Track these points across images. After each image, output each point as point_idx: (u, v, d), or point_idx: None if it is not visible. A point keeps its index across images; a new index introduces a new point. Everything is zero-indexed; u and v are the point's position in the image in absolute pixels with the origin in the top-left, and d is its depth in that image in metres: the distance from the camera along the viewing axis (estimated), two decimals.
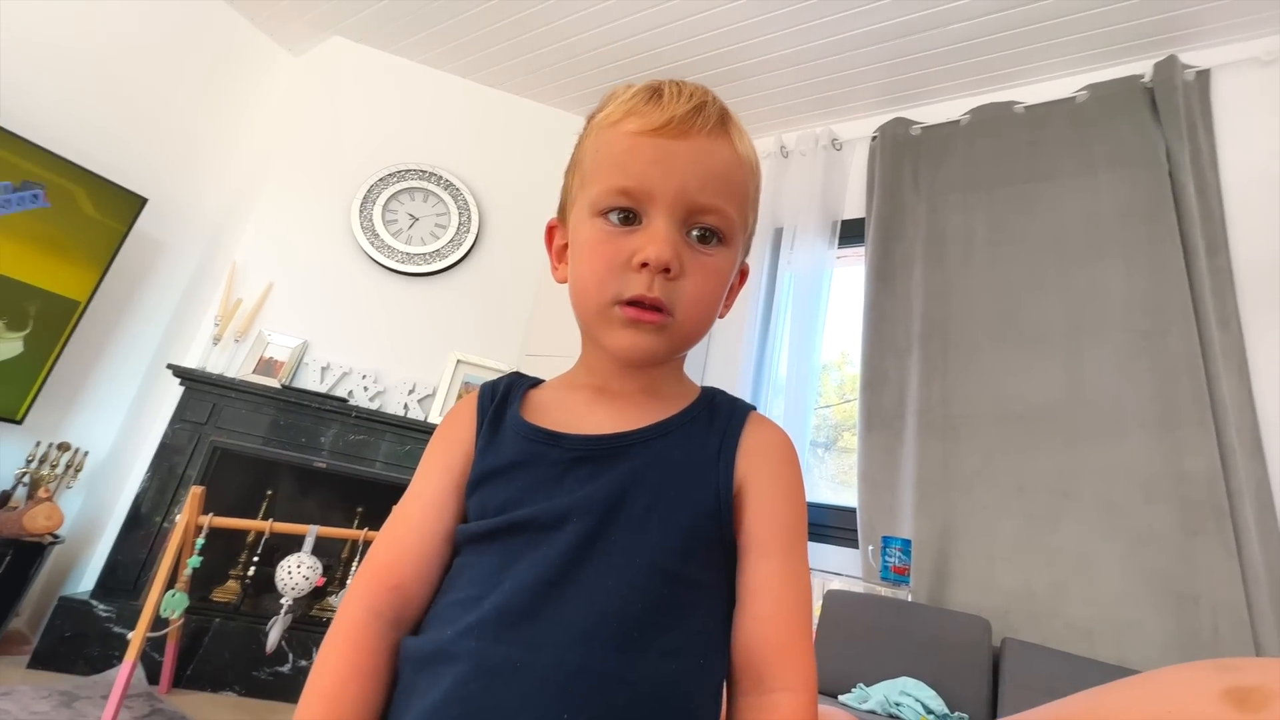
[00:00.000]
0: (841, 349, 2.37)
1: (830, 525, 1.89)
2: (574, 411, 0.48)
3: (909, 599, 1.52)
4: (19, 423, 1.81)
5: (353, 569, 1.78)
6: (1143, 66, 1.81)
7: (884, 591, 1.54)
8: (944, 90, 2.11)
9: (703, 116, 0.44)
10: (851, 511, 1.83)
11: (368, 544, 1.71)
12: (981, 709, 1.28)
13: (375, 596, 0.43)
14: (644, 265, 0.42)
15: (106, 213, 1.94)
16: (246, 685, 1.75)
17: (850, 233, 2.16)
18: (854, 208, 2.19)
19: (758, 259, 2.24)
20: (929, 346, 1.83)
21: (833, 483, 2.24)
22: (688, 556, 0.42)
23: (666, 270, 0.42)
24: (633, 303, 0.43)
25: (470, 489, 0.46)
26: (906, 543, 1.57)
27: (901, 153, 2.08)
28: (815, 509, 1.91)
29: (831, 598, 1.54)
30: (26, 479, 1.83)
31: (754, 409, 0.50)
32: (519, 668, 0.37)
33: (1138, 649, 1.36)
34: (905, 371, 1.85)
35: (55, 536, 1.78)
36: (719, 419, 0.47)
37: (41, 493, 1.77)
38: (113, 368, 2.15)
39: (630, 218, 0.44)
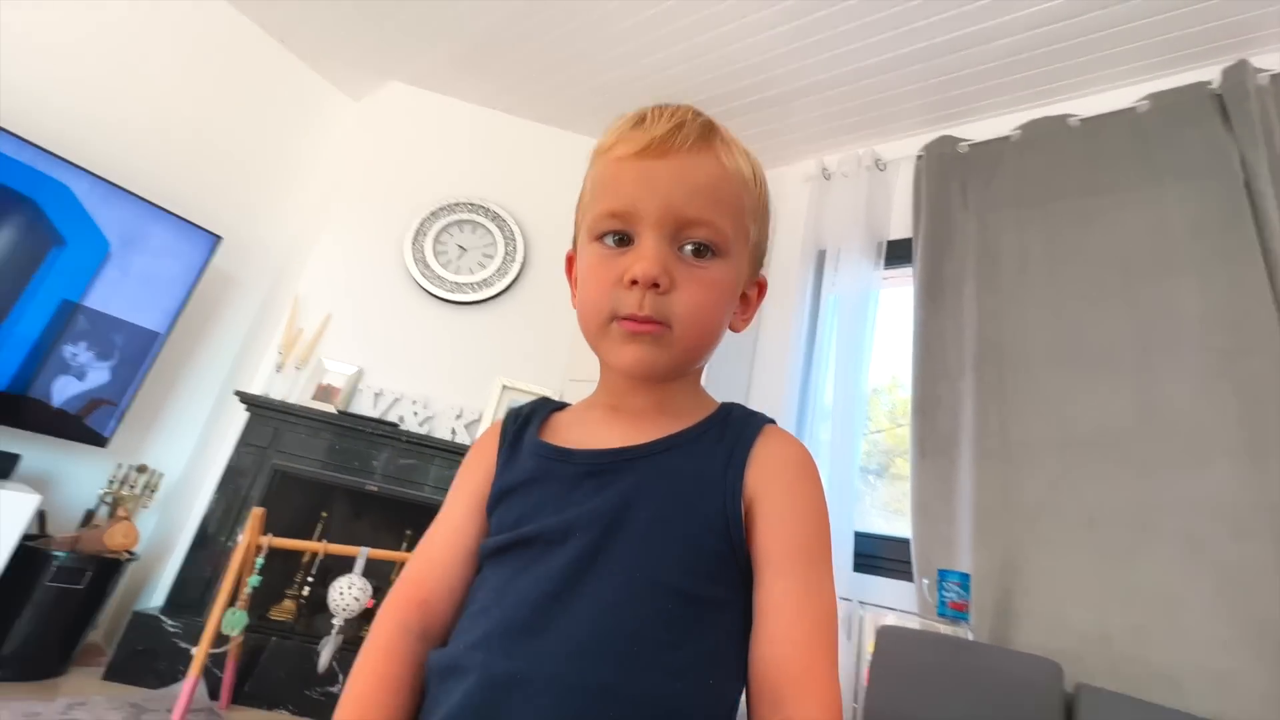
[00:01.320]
0: (891, 373, 2.30)
1: (882, 556, 1.81)
2: (589, 429, 0.49)
3: (969, 637, 1.43)
4: (104, 445, 1.95)
5: None
6: (1209, 73, 1.72)
7: (942, 629, 1.45)
8: (991, 106, 2.06)
9: (683, 134, 0.45)
10: (905, 542, 1.74)
11: None
12: None
13: (404, 611, 0.45)
14: (634, 282, 0.43)
15: (185, 250, 2.10)
16: (299, 704, 1.80)
17: (897, 253, 2.11)
18: (900, 228, 2.14)
19: (800, 281, 2.22)
20: (984, 369, 1.75)
21: (884, 511, 2.15)
22: (693, 572, 0.41)
23: (656, 285, 0.43)
24: (628, 319, 0.44)
25: (490, 507, 0.48)
26: (965, 577, 1.49)
27: (949, 170, 2.04)
28: (866, 539, 1.84)
29: (885, 635, 1.46)
30: (109, 499, 1.96)
31: (771, 422, 0.48)
32: (521, 680, 0.37)
33: (1236, 701, 1.23)
34: (959, 395, 1.78)
35: (131, 554, 1.89)
36: (731, 432, 0.46)
37: (120, 512, 1.89)
38: (187, 394, 2.30)
39: (624, 239, 0.45)
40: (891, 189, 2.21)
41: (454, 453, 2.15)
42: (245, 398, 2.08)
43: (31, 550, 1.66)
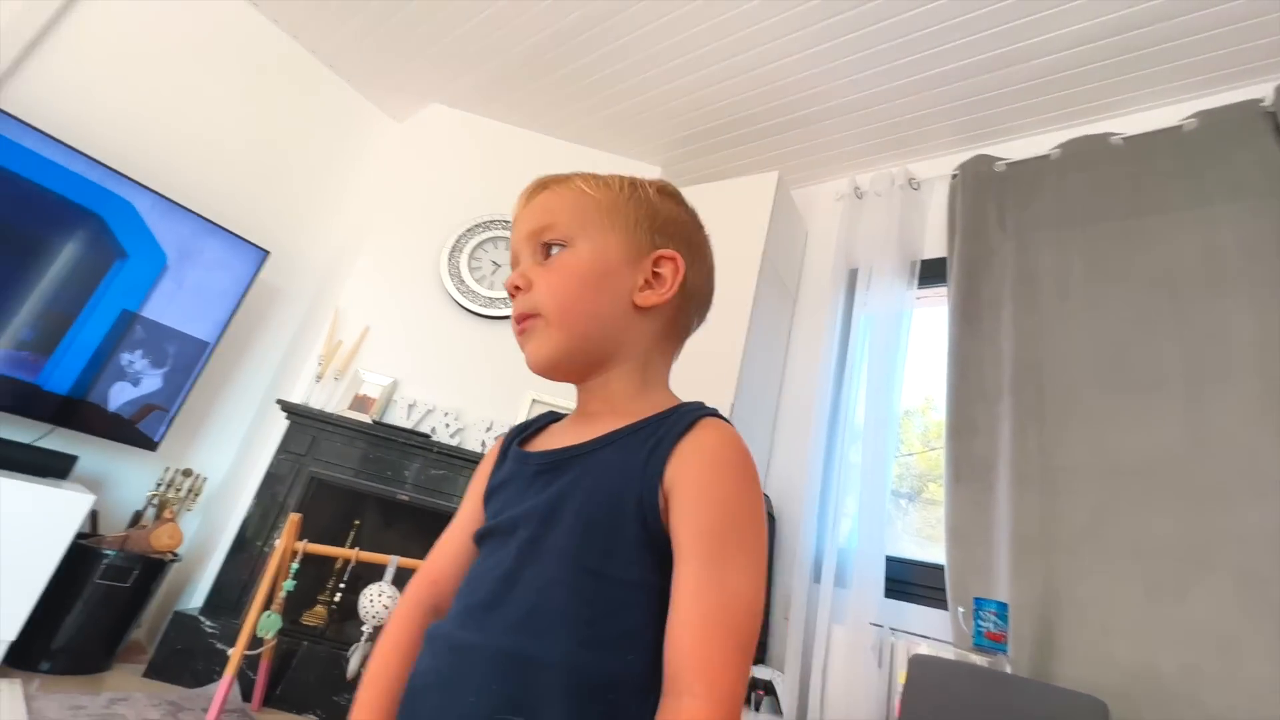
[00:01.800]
0: (925, 394, 2.26)
1: (914, 582, 1.76)
2: (558, 435, 0.56)
3: (1007, 669, 1.38)
4: (154, 449, 2.04)
5: None
6: (1261, 90, 1.67)
7: (977, 659, 1.40)
8: (1029, 125, 2.03)
9: (526, 196, 0.58)
10: (938, 569, 1.69)
11: None
12: None
13: (419, 589, 0.57)
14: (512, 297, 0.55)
15: (235, 264, 2.20)
16: (328, 710, 1.82)
17: (931, 273, 2.08)
18: (934, 247, 2.12)
19: (831, 301, 2.20)
20: (1022, 392, 1.70)
21: (916, 537, 2.10)
22: (611, 555, 0.45)
23: (517, 290, 0.53)
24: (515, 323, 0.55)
25: (485, 504, 0.56)
26: (1003, 606, 1.44)
27: (985, 190, 2.01)
28: (897, 564, 1.79)
29: (918, 664, 1.42)
30: (155, 501, 2.04)
31: (711, 415, 0.50)
32: (472, 648, 0.45)
33: None
34: (996, 419, 1.73)
35: (175, 555, 1.96)
36: (665, 426, 0.48)
37: (166, 514, 1.97)
38: (232, 402, 2.39)
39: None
40: (925, 208, 2.19)
41: None
42: (286, 406, 2.15)
43: (84, 548, 1.73)
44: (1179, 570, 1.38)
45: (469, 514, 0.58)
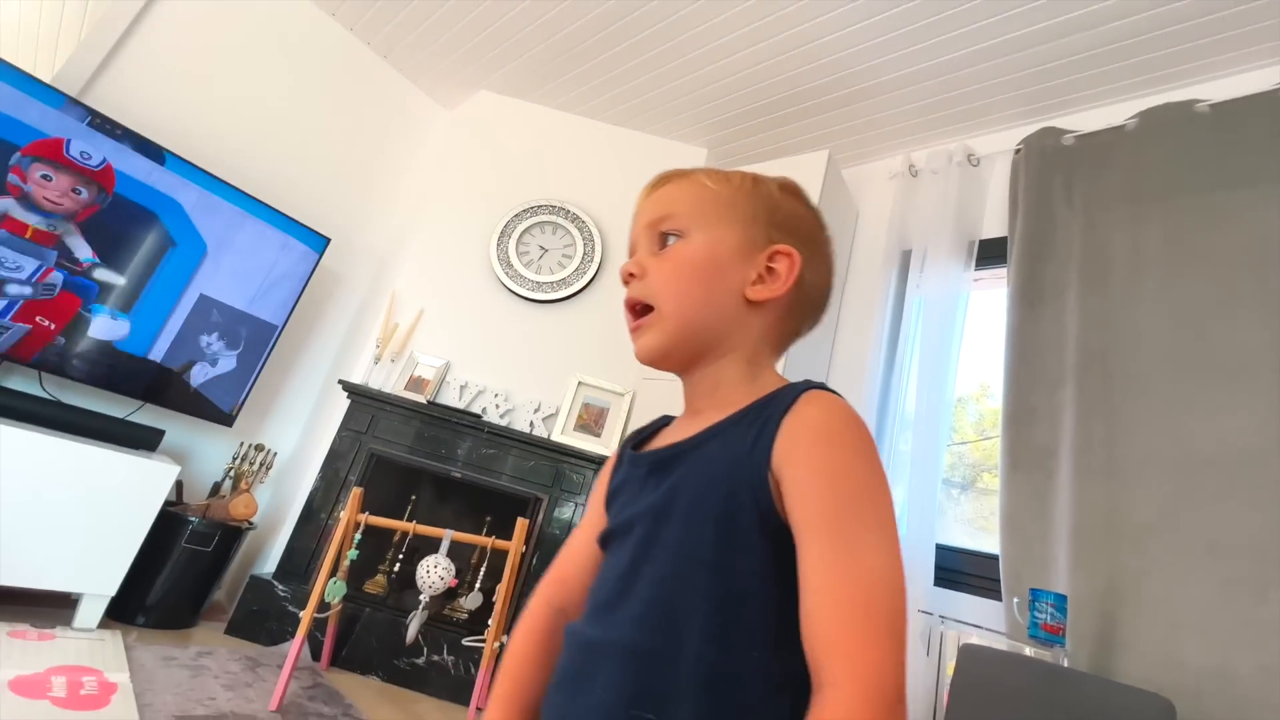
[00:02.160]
0: (980, 381, 2.18)
1: (965, 572, 1.72)
2: (669, 435, 0.57)
3: (1064, 663, 1.34)
4: (230, 425, 2.18)
5: (480, 573, 1.92)
6: None
7: (1031, 652, 1.36)
8: (1102, 95, 1.91)
9: (649, 189, 0.58)
10: (990, 559, 1.65)
11: (495, 551, 1.83)
12: None
13: (547, 586, 0.60)
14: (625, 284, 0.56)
15: (300, 250, 2.31)
16: (388, 672, 1.94)
17: (989, 253, 2.00)
18: (994, 226, 2.02)
19: (883, 282, 2.14)
20: (1087, 379, 1.62)
21: (969, 527, 2.04)
22: (725, 548, 0.44)
23: (632, 276, 0.55)
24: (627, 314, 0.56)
25: (606, 509, 0.58)
26: (1061, 598, 1.39)
27: (1051, 165, 1.90)
28: (948, 553, 1.75)
29: (968, 653, 1.39)
30: (232, 473, 2.19)
31: (815, 388, 0.47)
32: (599, 644, 0.46)
33: None
34: (1058, 406, 1.66)
35: (251, 523, 2.11)
36: (769, 408, 0.47)
37: (242, 485, 2.11)
38: (298, 381, 2.53)
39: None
40: (985, 185, 2.10)
41: (530, 444, 2.24)
42: (347, 386, 2.26)
43: (172, 515, 1.89)
44: (1258, 568, 1.30)
45: (592, 519, 0.59)
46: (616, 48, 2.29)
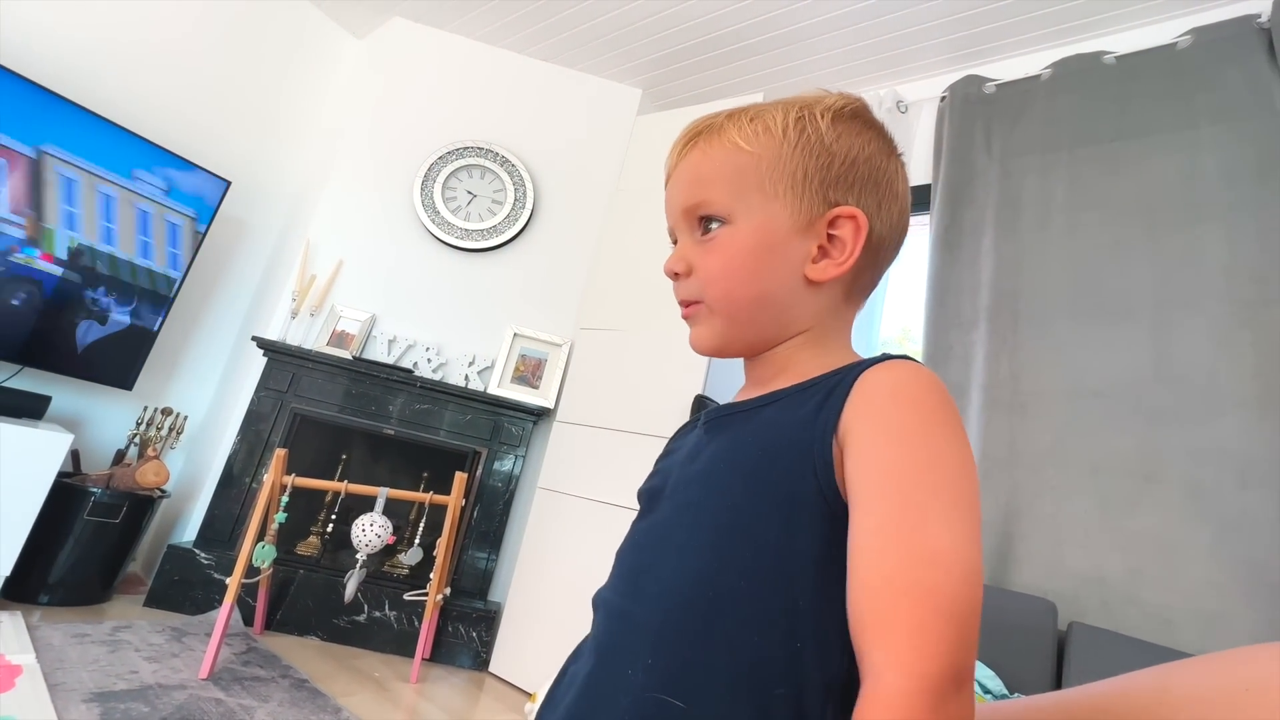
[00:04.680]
0: (903, 325, 2.29)
1: None
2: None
3: None
4: (129, 389, 2.01)
5: (419, 529, 1.89)
6: (1259, 4, 1.61)
7: None
8: (1023, 43, 1.96)
9: (677, 152, 0.51)
10: None
11: (434, 506, 1.81)
12: (1043, 692, 1.24)
13: None
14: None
15: (195, 195, 2.09)
16: (328, 631, 1.91)
17: (914, 201, 2.05)
18: (919, 174, 2.08)
19: None
20: (998, 319, 1.74)
21: None
22: (773, 521, 0.39)
23: (677, 276, 0.50)
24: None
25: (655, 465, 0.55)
26: None
27: (973, 113, 1.96)
28: None
29: None
30: (137, 440, 2.03)
31: (891, 358, 0.41)
32: (627, 615, 0.43)
33: (1223, 640, 1.28)
34: (971, 346, 1.77)
35: (163, 491, 1.98)
36: (840, 376, 0.42)
37: (149, 452, 1.96)
38: (205, 339, 2.34)
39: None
40: (912, 133, 2.14)
41: (467, 399, 2.19)
42: (262, 343, 2.11)
43: (68, 487, 1.74)
44: (1131, 485, 1.47)
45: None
46: None
